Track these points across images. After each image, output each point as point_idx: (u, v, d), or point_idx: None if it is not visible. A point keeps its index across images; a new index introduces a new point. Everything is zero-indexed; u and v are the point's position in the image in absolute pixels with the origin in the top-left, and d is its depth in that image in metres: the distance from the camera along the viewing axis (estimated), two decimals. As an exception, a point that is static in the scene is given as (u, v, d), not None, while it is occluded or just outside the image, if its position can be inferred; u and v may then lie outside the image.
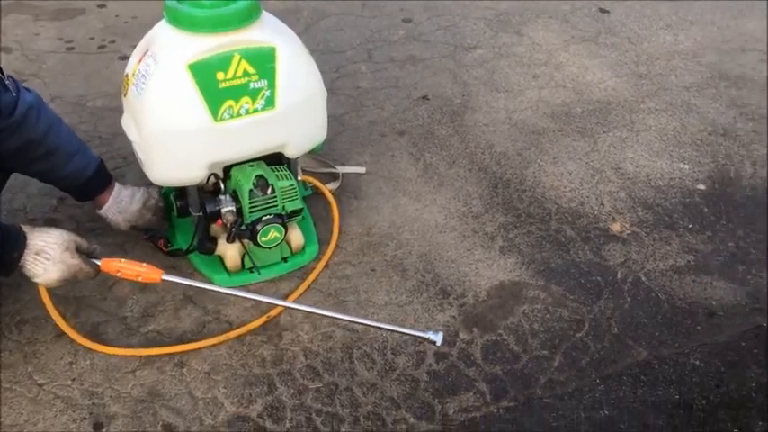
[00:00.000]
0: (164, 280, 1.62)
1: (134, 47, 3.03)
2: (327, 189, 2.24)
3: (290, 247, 1.99)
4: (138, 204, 1.97)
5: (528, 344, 1.83)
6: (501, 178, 2.38)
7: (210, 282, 1.94)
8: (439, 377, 1.74)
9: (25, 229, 1.56)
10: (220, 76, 1.68)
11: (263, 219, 1.85)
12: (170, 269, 1.97)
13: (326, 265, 2.03)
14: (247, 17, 1.68)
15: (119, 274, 1.60)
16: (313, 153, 2.20)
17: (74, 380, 1.70)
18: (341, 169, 2.36)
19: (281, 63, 1.74)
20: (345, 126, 2.59)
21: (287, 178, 1.88)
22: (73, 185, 1.93)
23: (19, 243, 1.52)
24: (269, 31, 1.74)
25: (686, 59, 3.07)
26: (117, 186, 1.98)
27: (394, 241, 2.12)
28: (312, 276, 1.97)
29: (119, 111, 2.62)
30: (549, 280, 2.00)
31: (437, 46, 3.13)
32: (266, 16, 1.77)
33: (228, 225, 1.85)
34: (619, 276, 2.02)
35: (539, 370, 1.77)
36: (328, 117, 1.97)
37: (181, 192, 1.95)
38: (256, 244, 1.87)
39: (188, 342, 1.78)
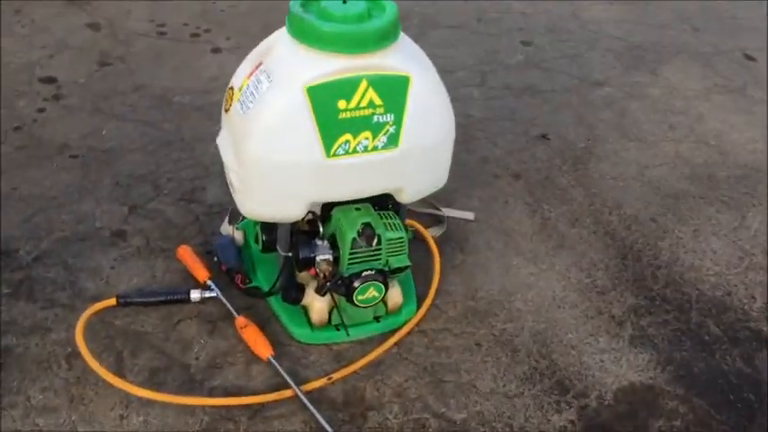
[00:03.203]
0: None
1: (229, 39, 2.83)
2: (431, 236, 1.94)
3: (385, 305, 1.70)
4: None
5: (664, 473, 1.49)
6: (631, 248, 2.03)
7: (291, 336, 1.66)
8: (553, 501, 1.43)
9: None
10: (342, 104, 1.39)
11: (363, 274, 1.56)
12: (245, 310, 1.71)
13: (424, 332, 1.73)
14: (384, 39, 1.39)
15: None
16: (424, 196, 1.90)
17: (122, 439, 1.45)
18: (447, 212, 2.06)
19: (413, 96, 1.44)
20: (453, 160, 2.28)
21: (397, 229, 1.59)
22: None
23: None
24: (405, 57, 1.44)
25: None
26: None
27: (504, 311, 1.80)
28: (394, 338, 1.68)
29: (205, 111, 2.40)
30: (690, 389, 1.66)
31: (560, 77, 2.79)
32: (404, 39, 1.47)
33: (322, 276, 1.57)
34: (776, 397, 1.67)
35: None
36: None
37: (269, 224, 1.67)
38: (350, 301, 1.58)
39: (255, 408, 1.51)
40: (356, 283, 1.56)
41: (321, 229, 1.58)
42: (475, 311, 1.80)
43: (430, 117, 1.50)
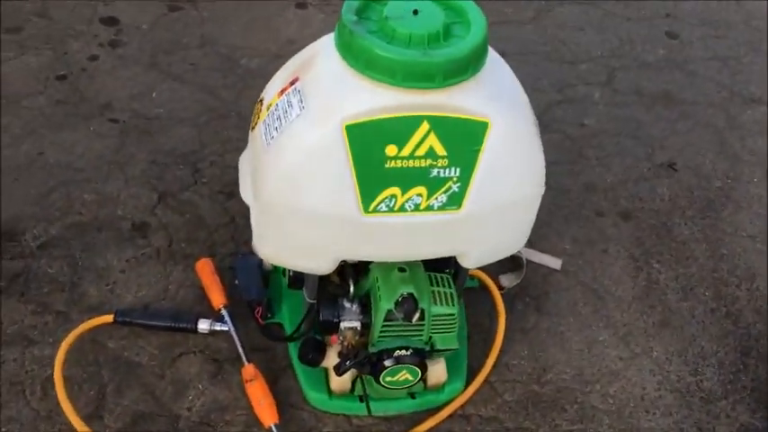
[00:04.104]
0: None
1: (318, -10, 2.47)
2: (498, 289, 1.57)
3: (424, 382, 1.37)
4: None
5: None
6: (758, 340, 1.59)
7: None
8: None
9: None
10: (391, 150, 1.03)
11: (396, 354, 1.23)
12: (260, 351, 1.43)
13: (468, 418, 1.39)
14: (461, 72, 1.00)
15: None
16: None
17: (81, 503, 1.22)
18: (527, 254, 1.67)
19: (490, 147, 1.06)
20: (551, 182, 1.87)
21: (448, 302, 1.24)
22: None
23: None
24: (486, 94, 1.05)
25: None
26: None
27: (575, 406, 1.44)
28: (429, 422, 1.36)
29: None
30: None
31: (706, 84, 2.27)
32: (490, 65, 1.07)
33: (345, 344, 1.25)
34: None
35: None
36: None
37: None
38: (377, 381, 1.27)
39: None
40: (386, 362, 1.23)
41: (351, 289, 1.25)
42: (538, 400, 1.44)
43: (510, 173, 1.12)
